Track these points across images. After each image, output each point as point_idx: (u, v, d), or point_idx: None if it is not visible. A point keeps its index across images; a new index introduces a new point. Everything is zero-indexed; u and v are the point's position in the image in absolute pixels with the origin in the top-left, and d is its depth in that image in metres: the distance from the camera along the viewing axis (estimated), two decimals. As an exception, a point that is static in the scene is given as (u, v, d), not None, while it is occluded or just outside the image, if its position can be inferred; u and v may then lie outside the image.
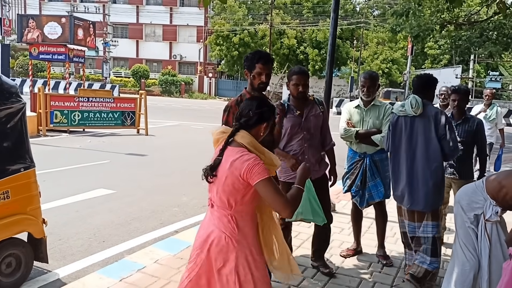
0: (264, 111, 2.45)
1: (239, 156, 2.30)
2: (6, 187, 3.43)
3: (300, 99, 3.80)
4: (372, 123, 4.28)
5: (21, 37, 15.30)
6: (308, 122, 3.81)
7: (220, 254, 2.36)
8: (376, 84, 4.30)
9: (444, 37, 21.91)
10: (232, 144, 2.40)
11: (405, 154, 3.74)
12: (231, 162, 2.32)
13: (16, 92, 3.53)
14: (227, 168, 2.32)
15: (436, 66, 42.23)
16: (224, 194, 2.35)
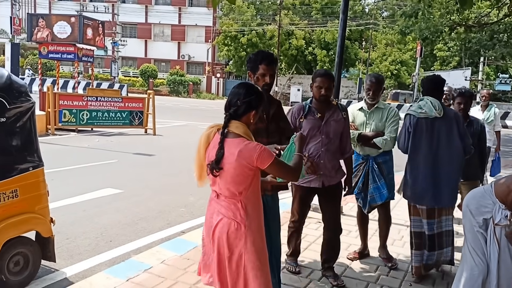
0: (252, 99, 2.52)
1: (244, 146, 2.42)
2: (15, 185, 3.45)
3: (323, 102, 3.73)
4: (375, 125, 4.22)
5: (30, 36, 15.40)
6: (328, 126, 3.73)
7: (229, 241, 2.48)
8: (381, 88, 4.25)
9: (453, 39, 21.76)
10: (229, 136, 2.48)
11: (427, 155, 3.85)
12: (237, 152, 2.41)
13: (25, 91, 3.54)
14: (235, 160, 2.41)
15: (445, 68, 42.02)
16: (234, 184, 2.46)
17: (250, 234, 2.47)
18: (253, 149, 2.40)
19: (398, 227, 5.46)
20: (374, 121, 4.23)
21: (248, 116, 2.53)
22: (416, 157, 3.89)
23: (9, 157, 3.42)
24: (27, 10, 42.68)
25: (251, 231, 2.48)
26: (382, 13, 48.19)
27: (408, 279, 4.04)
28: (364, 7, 45.67)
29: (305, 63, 41.72)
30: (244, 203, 2.48)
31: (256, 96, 2.55)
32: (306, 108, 3.79)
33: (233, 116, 2.51)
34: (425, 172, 3.85)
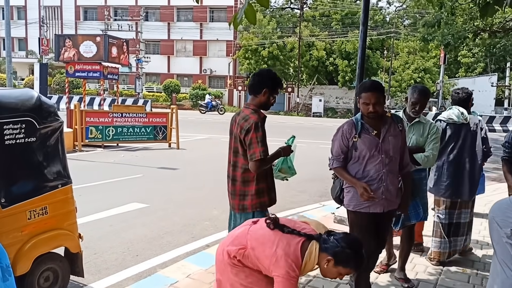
0: (343, 248, 2.44)
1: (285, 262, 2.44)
2: (44, 203, 3.55)
3: (375, 118, 3.30)
4: (415, 140, 4.01)
5: (58, 56, 15.87)
6: (386, 143, 3.28)
7: None
8: (427, 102, 4.08)
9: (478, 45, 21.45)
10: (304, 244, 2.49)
11: (454, 155, 4.45)
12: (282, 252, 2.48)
13: (54, 111, 3.66)
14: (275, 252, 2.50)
15: (471, 74, 41.32)
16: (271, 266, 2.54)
17: None
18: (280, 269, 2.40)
19: (426, 240, 5.37)
20: (414, 135, 4.02)
21: (325, 256, 2.47)
22: (443, 157, 4.45)
23: (39, 175, 3.53)
24: (55, 31, 44.06)
25: None
26: (403, 21, 47.85)
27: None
28: (385, 16, 45.41)
29: (326, 74, 41.62)
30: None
31: (350, 252, 2.46)
32: (358, 125, 3.32)
33: (321, 241, 2.52)
34: (450, 170, 4.45)
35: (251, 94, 3.49)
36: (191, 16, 46.22)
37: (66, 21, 47.24)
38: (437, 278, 4.28)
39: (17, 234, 3.37)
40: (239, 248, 2.56)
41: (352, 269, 2.47)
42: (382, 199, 3.26)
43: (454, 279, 4.26)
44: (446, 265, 4.59)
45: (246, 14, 2.10)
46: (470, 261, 4.77)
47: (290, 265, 2.37)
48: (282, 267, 2.37)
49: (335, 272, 2.44)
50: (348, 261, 2.41)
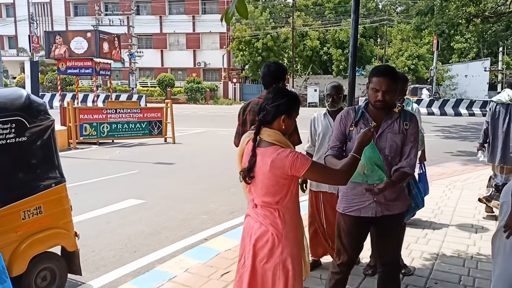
0: (281, 103, 2.42)
1: (277, 155, 2.34)
2: (38, 202, 3.52)
3: (380, 109, 2.86)
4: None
5: (49, 53, 15.72)
6: (383, 140, 2.85)
7: (264, 250, 2.43)
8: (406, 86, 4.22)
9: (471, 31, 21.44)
10: (262, 145, 2.41)
11: (502, 129, 5.61)
12: (270, 163, 2.35)
13: (44, 109, 3.62)
14: (268, 170, 2.36)
15: (464, 60, 41.36)
16: (270, 194, 2.41)
17: (287, 243, 2.42)
18: (285, 158, 2.32)
19: (423, 224, 5.40)
20: None
21: (278, 122, 2.42)
22: (495, 131, 5.66)
23: (31, 175, 3.50)
24: (45, 28, 43.67)
25: (288, 240, 2.43)
26: (396, 8, 47.73)
27: (433, 278, 3.98)
28: (378, 3, 45.28)
29: (320, 63, 41.55)
30: (282, 212, 2.43)
31: (286, 100, 2.43)
32: (358, 113, 2.92)
33: (263, 123, 2.43)
34: (501, 141, 5.63)
35: (265, 87, 3.83)
36: (183, 8, 45.92)
37: (56, 17, 46.82)
38: (433, 263, 4.30)
39: (12, 234, 3.34)
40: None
41: (298, 109, 2.51)
42: (373, 201, 2.85)
43: (450, 263, 4.29)
44: (442, 250, 4.61)
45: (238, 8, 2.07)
46: (465, 245, 4.79)
47: (280, 155, 2.34)
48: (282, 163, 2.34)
49: (292, 123, 2.48)
50: (292, 107, 2.46)
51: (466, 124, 21.29)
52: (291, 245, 2.43)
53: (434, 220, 5.67)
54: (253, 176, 2.41)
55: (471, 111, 26.49)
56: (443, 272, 4.09)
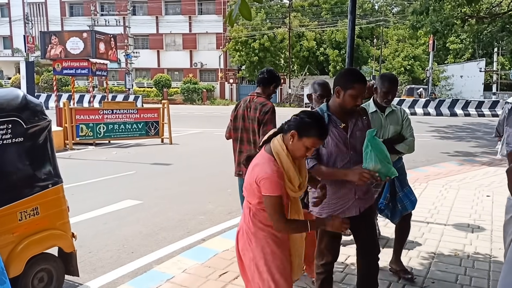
0: (302, 119, 2.38)
1: (262, 164, 2.39)
2: (35, 203, 3.51)
3: (349, 110, 2.96)
4: (393, 129, 3.90)
5: (44, 53, 15.68)
6: (354, 138, 2.94)
7: (241, 243, 2.58)
8: (397, 89, 3.93)
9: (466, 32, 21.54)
10: (266, 148, 2.47)
11: None
12: (254, 165, 2.43)
13: (41, 110, 3.61)
14: (250, 170, 2.45)
15: (459, 60, 41.51)
16: (246, 191, 2.50)
17: (257, 242, 2.49)
18: (263, 171, 2.35)
19: (419, 224, 5.41)
20: (392, 125, 3.90)
21: (289, 135, 2.39)
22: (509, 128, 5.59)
23: (28, 175, 3.48)
24: (40, 28, 43.52)
25: (258, 239, 2.49)
26: (392, 9, 47.86)
27: (430, 277, 3.99)
28: (374, 4, 45.39)
29: (317, 64, 41.63)
30: (253, 212, 2.50)
31: (309, 120, 2.38)
32: (325, 117, 2.92)
33: (282, 129, 2.46)
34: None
35: (262, 86, 4.34)
36: (179, 9, 45.91)
37: (52, 17, 46.72)
38: (430, 262, 4.32)
39: (8, 236, 3.33)
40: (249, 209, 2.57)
41: (315, 138, 2.38)
42: (355, 200, 2.94)
43: (447, 263, 4.31)
44: (439, 249, 4.63)
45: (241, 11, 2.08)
46: (461, 244, 4.81)
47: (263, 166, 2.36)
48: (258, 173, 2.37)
49: (301, 147, 2.38)
50: (309, 130, 2.36)
51: (461, 124, 21.38)
52: (262, 244, 2.48)
53: (430, 220, 5.69)
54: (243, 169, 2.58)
55: (467, 111, 26.60)
56: (440, 272, 4.11)
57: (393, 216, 4.00)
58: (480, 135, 16.68)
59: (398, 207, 3.94)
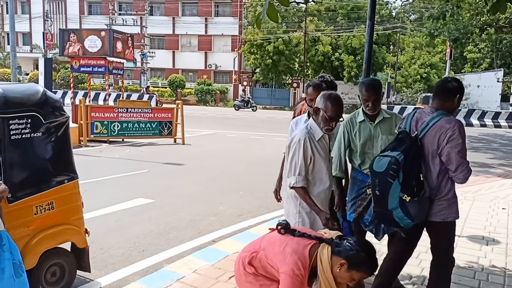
0: (356, 251, 2.32)
1: (298, 259, 2.35)
2: (50, 198, 3.54)
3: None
4: (386, 139, 3.55)
5: (63, 50, 15.86)
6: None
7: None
8: (381, 95, 3.61)
9: (484, 41, 21.32)
10: (312, 248, 2.41)
11: None
12: (284, 248, 2.42)
13: (60, 106, 3.65)
14: (286, 247, 2.44)
15: (476, 70, 41.08)
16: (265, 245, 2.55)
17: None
18: (292, 266, 2.34)
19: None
20: (383, 134, 3.58)
21: (338, 260, 2.33)
22: None
23: (45, 170, 3.52)
24: (59, 25, 44.08)
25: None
26: (409, 16, 47.56)
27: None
28: (391, 11, 45.14)
29: (332, 69, 41.50)
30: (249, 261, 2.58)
31: (364, 256, 2.33)
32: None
33: (333, 245, 2.37)
34: None
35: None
36: (196, 10, 46.13)
37: (71, 15, 47.26)
38: (445, 275, 4.25)
39: (24, 229, 3.37)
40: (252, 253, 2.55)
41: (365, 273, 2.37)
42: None
43: (460, 275, 4.24)
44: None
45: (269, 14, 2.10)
46: (475, 256, 4.74)
47: (296, 263, 2.32)
48: (288, 264, 2.33)
49: (347, 277, 2.34)
50: (362, 265, 2.32)
51: (477, 135, 21.11)
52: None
53: (444, 230, 5.62)
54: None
55: (483, 122, 26.25)
56: (453, 284, 4.03)
57: (377, 232, 3.63)
58: (496, 147, 16.46)
59: (381, 225, 3.57)
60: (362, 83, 3.64)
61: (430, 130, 3.02)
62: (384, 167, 2.96)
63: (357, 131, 3.62)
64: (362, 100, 3.55)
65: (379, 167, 3.01)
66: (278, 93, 41.66)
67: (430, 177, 3.05)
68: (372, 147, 3.60)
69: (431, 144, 3.00)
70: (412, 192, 2.94)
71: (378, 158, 3.07)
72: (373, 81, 3.64)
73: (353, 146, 3.66)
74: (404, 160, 2.92)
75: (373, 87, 3.54)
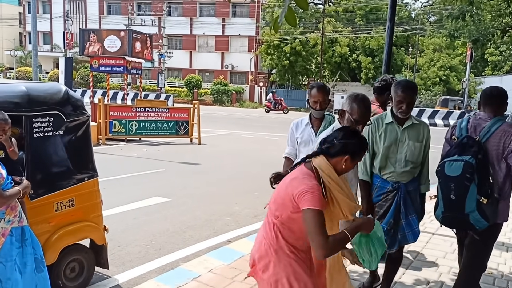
0: (349, 142, 2.32)
1: (302, 178, 2.27)
2: (71, 195, 3.61)
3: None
4: (412, 145, 3.40)
5: (83, 50, 16.10)
6: None
7: (261, 259, 2.39)
8: (416, 98, 3.46)
9: (506, 43, 20.96)
10: (306, 165, 2.37)
11: None
12: (291, 179, 2.32)
13: (81, 105, 3.72)
14: (287, 182, 2.34)
15: (498, 73, 40.42)
16: (275, 204, 2.37)
17: (279, 258, 2.34)
18: (303, 184, 2.22)
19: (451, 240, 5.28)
20: (410, 140, 3.41)
21: (339, 159, 2.32)
22: None
23: (66, 168, 3.59)
24: (79, 25, 44.69)
25: (279, 255, 2.34)
26: (429, 18, 47.04)
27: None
28: (411, 12, 44.70)
29: (349, 70, 41.28)
30: (278, 228, 2.35)
31: (356, 142, 2.35)
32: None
33: (324, 152, 2.35)
34: None
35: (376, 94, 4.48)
36: (214, 11, 46.34)
37: (90, 15, 47.90)
38: (462, 280, 4.20)
39: (45, 225, 3.44)
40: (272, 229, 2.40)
41: (363, 153, 2.39)
42: None
43: (480, 282, 4.18)
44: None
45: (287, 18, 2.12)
46: (495, 263, 4.67)
47: (304, 179, 2.24)
48: (298, 186, 2.23)
49: (352, 166, 2.38)
50: (360, 149, 2.36)
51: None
52: (284, 261, 2.34)
53: (462, 235, 5.55)
54: (277, 183, 2.45)
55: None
56: (470, 288, 4.00)
57: (391, 244, 3.47)
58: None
59: (398, 236, 3.47)
60: (398, 83, 3.45)
61: (493, 134, 3.09)
62: (459, 171, 3.01)
63: (382, 132, 3.44)
64: (394, 102, 3.39)
65: (452, 172, 3.06)
66: (294, 94, 41.55)
67: (496, 180, 3.14)
68: (396, 151, 3.42)
69: (496, 148, 3.08)
70: (488, 194, 3.02)
71: (448, 163, 3.10)
72: (410, 83, 3.50)
73: (376, 148, 3.48)
74: (476, 163, 2.99)
75: (411, 89, 3.38)
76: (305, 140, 3.79)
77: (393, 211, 3.41)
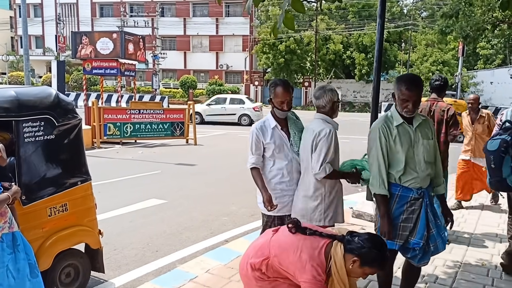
0: (368, 249, 2.37)
1: (314, 265, 2.39)
2: (64, 200, 3.59)
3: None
4: (427, 145, 3.08)
5: (75, 53, 16.04)
6: None
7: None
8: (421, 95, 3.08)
9: (497, 37, 21.04)
10: (326, 248, 2.44)
11: None
12: (307, 256, 2.43)
13: (72, 108, 3.69)
14: (297, 251, 2.47)
15: (489, 66, 40.60)
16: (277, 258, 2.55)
17: None
18: (309, 274, 2.38)
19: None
20: (424, 139, 3.07)
21: (350, 257, 2.40)
22: None
23: (58, 172, 3.56)
24: (71, 28, 44.52)
25: None
26: (421, 14, 47.14)
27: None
28: (403, 8, 44.77)
29: (343, 67, 41.30)
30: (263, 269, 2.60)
31: (375, 254, 2.39)
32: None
33: (346, 243, 2.43)
34: None
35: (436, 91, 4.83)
36: (207, 11, 46.25)
37: (82, 18, 47.69)
38: (456, 271, 4.22)
39: (38, 230, 3.41)
40: (262, 260, 2.57)
41: (377, 269, 2.46)
42: None
43: (473, 273, 4.21)
44: (466, 259, 4.53)
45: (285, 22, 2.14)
46: (489, 254, 4.69)
47: (316, 269, 2.38)
48: (308, 271, 2.38)
49: (360, 272, 2.43)
50: (373, 261, 2.40)
51: None
52: None
53: (457, 229, 5.57)
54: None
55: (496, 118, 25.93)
56: (466, 281, 4.02)
57: (423, 257, 3.13)
58: (510, 143, 16.24)
59: (430, 247, 3.10)
60: (401, 79, 3.07)
61: None
62: (496, 146, 3.81)
63: (396, 135, 3.03)
64: (399, 100, 3.01)
65: (492, 147, 3.85)
66: (289, 92, 41.51)
67: None
68: (413, 154, 3.04)
69: None
70: None
71: (490, 140, 3.92)
72: (414, 78, 3.09)
73: (392, 154, 3.05)
74: (511, 139, 3.77)
75: (416, 85, 3.00)
76: (279, 144, 3.50)
77: (424, 222, 3.03)
